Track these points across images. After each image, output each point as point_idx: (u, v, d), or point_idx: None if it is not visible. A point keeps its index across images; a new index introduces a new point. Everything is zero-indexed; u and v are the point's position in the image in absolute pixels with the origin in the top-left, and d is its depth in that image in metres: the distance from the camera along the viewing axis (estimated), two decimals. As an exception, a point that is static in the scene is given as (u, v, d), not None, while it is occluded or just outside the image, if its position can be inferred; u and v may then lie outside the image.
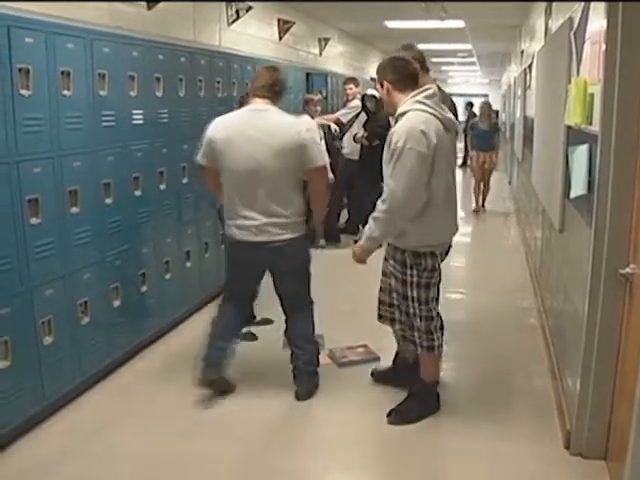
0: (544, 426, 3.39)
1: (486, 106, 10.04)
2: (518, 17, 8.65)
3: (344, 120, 7.66)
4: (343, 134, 7.58)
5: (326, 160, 6.99)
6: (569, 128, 3.56)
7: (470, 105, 17.62)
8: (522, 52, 9.25)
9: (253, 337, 4.63)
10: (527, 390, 3.87)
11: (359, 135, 7.22)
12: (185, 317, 4.95)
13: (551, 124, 4.41)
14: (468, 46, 12.69)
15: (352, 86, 7.98)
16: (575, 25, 3.59)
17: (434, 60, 17.02)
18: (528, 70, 7.51)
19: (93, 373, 3.83)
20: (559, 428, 3.32)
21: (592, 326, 2.91)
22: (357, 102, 7.76)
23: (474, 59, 16.11)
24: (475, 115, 18.23)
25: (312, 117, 7.05)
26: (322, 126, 7.23)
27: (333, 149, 7.35)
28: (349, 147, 7.62)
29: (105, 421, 3.50)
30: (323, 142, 7.07)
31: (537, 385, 3.91)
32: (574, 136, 3.41)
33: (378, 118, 7.06)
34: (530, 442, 3.26)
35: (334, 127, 7.53)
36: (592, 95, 3.01)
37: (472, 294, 5.76)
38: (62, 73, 3.41)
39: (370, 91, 7.52)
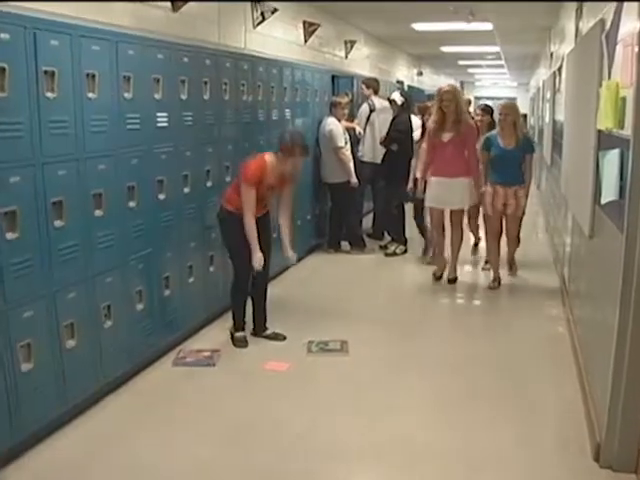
0: (573, 438, 3.34)
1: (508, 110, 5.85)
2: (548, 19, 8.56)
3: (361, 124, 7.69)
4: (358, 139, 7.60)
5: (351, 166, 7.05)
6: (600, 132, 3.52)
7: (489, 110, 16.89)
8: (551, 54, 9.15)
9: (279, 336, 4.69)
10: (555, 400, 3.82)
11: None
12: (208, 322, 4.96)
13: (581, 128, 4.35)
14: (496, 48, 12.59)
15: (363, 86, 8.02)
16: (607, 27, 3.54)
17: (461, 63, 16.94)
18: (557, 73, 7.43)
19: (115, 377, 3.86)
20: (588, 440, 3.27)
21: (623, 335, 2.86)
22: (365, 106, 7.76)
23: (502, 62, 15.96)
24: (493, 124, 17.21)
25: (339, 120, 7.07)
26: (348, 130, 7.25)
27: (355, 153, 7.37)
28: (364, 151, 7.63)
29: (125, 426, 3.52)
30: (349, 146, 7.12)
31: (565, 395, 3.85)
32: (605, 140, 3.37)
33: (397, 122, 7.05)
34: (558, 454, 3.21)
35: (359, 130, 7.54)
36: (624, 99, 2.96)
37: (498, 301, 5.71)
38: (87, 76, 3.44)
39: (393, 95, 7.50)
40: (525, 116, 23.72)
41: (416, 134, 6.86)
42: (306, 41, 7.67)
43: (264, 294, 4.68)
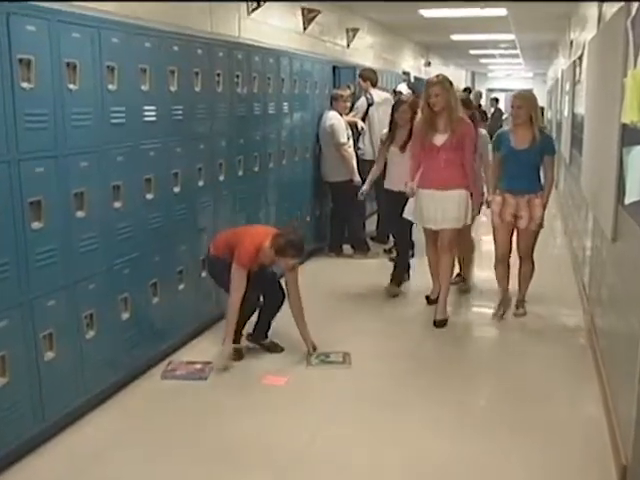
0: (596, 460, 3.30)
1: (521, 102, 5.03)
2: (567, 4, 8.53)
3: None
4: (359, 135, 7.55)
5: (354, 163, 7.00)
6: (624, 127, 3.48)
7: (495, 101, 16.45)
8: (571, 42, 9.12)
9: (277, 347, 4.67)
10: (576, 419, 3.78)
11: None
12: (199, 332, 4.92)
13: (603, 122, 4.32)
14: (511, 36, 12.58)
15: (359, 80, 7.92)
16: (633, 12, 3.50)
17: (472, 52, 16.94)
18: (578, 62, 7.40)
19: (98, 392, 3.82)
20: (613, 462, 3.23)
21: (650, 348, 2.83)
22: (363, 100, 7.69)
23: (517, 51, 15.96)
24: (500, 114, 16.96)
25: (341, 114, 7.04)
26: (350, 125, 7.21)
27: (356, 151, 7.32)
28: (365, 149, 7.57)
29: (109, 445, 3.47)
30: (351, 141, 7.08)
31: (587, 413, 3.82)
32: (630, 136, 3.33)
33: None
34: (580, 477, 3.17)
35: (361, 125, 7.49)
36: (651, 90, 2.92)
37: (511, 309, 5.66)
38: (67, 65, 3.40)
39: (400, 87, 7.46)
40: (542, 109, 23.75)
41: (379, 134, 6.45)
42: (305, 29, 7.65)
43: (277, 309, 4.66)
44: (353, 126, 7.34)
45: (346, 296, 5.95)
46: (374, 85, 7.81)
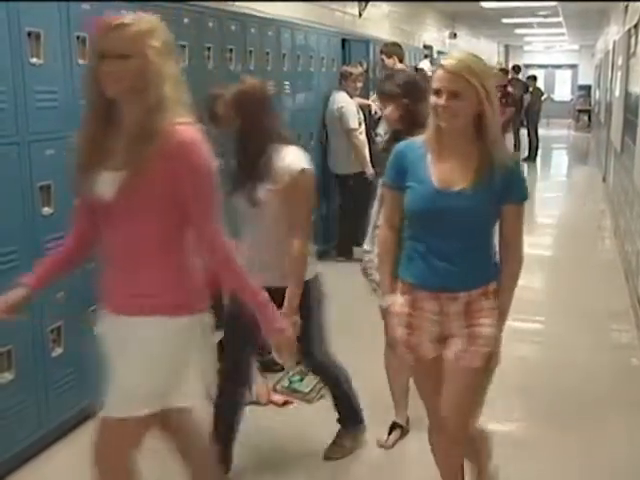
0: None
1: (448, 81, 2.45)
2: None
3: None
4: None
5: (366, 153, 6.99)
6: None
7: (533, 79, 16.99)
8: (626, 7, 9.07)
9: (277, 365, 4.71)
10: (632, 461, 3.71)
11: None
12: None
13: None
14: (552, 2, 12.57)
15: (383, 56, 7.82)
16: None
17: (506, 21, 16.93)
18: (633, 31, 7.37)
19: (61, 422, 3.78)
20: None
21: None
22: None
23: (559, 19, 15.94)
24: (540, 94, 17.04)
25: (351, 96, 7.04)
26: (362, 108, 7.21)
27: (372, 138, 7.32)
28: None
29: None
30: (363, 127, 7.08)
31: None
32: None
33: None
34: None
35: (375, 108, 7.48)
36: None
37: (553, 324, 5.66)
38: (29, 35, 3.40)
39: (422, 64, 7.45)
40: (589, 88, 23.65)
41: None
42: (310, -5, 7.67)
43: None
44: (365, 109, 7.33)
45: (355, 308, 5.71)
46: (401, 62, 7.67)
